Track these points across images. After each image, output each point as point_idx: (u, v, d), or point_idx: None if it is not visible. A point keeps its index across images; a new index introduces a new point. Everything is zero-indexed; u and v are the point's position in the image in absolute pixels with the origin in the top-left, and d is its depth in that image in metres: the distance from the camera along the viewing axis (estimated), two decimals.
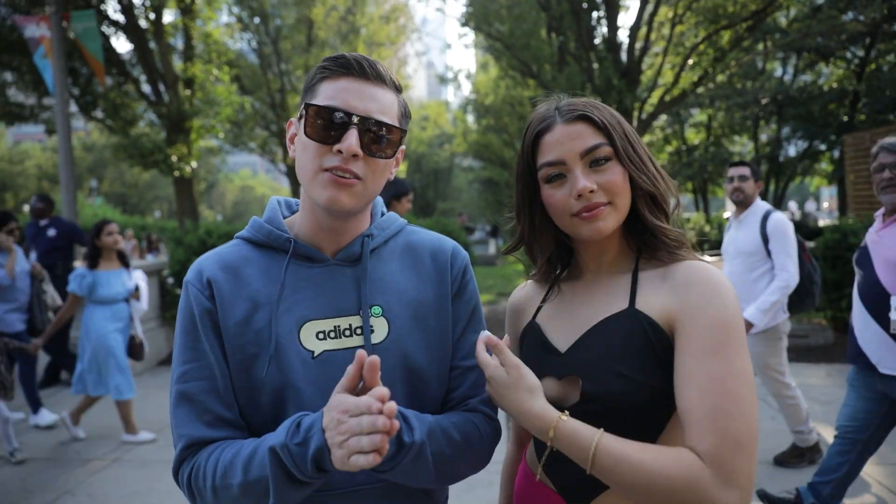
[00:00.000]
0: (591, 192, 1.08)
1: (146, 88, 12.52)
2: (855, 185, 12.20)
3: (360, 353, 0.94)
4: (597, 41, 11.63)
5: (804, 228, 16.97)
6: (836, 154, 20.19)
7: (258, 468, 0.97)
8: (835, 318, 7.66)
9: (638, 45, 11.38)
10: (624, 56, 11.33)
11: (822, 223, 21.35)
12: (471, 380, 1.21)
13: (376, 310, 1.14)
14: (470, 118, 33.03)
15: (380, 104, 1.09)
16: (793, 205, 37.39)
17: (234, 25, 18.45)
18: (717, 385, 0.95)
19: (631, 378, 1.03)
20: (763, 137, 23.24)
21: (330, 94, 1.07)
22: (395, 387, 1.11)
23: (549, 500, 1.16)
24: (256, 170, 75.98)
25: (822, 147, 20.95)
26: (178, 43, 12.86)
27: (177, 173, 11.71)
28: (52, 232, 6.42)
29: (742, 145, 24.40)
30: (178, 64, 12.43)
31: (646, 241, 1.16)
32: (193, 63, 12.09)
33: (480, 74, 30.07)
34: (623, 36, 11.91)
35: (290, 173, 22.08)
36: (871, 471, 3.97)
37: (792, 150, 23.36)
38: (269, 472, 0.95)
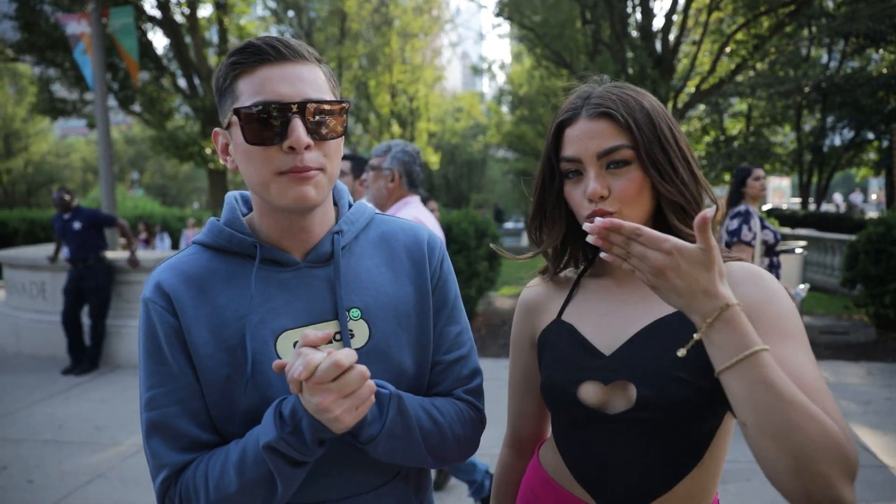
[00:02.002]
0: (602, 197, 1.03)
1: (182, 82, 12.78)
2: None
3: (328, 332, 0.90)
4: (631, 29, 11.40)
5: (847, 221, 16.40)
6: (885, 143, 19.42)
7: (253, 468, 0.95)
8: (877, 315, 7.39)
9: (673, 32, 11.12)
10: (658, 45, 11.08)
11: (869, 216, 20.58)
12: (455, 374, 1.16)
13: (355, 313, 1.07)
14: (504, 109, 32.84)
15: (310, 83, 0.98)
16: (838, 196, 36.18)
17: (269, 19, 18.67)
18: (793, 372, 0.90)
19: (691, 383, 0.98)
20: (806, 127, 22.49)
21: (254, 89, 0.95)
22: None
23: None
24: None
25: (870, 136, 20.18)
26: (213, 37, 13.08)
27: (211, 165, 11.93)
28: (77, 225, 6.51)
29: (784, 135, 23.68)
30: (212, 57, 12.65)
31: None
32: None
33: (514, 65, 29.86)
34: (657, 24, 11.65)
35: None
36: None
37: (837, 140, 22.54)
38: (271, 467, 0.93)
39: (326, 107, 0.98)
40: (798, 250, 6.02)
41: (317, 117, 0.97)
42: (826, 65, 20.56)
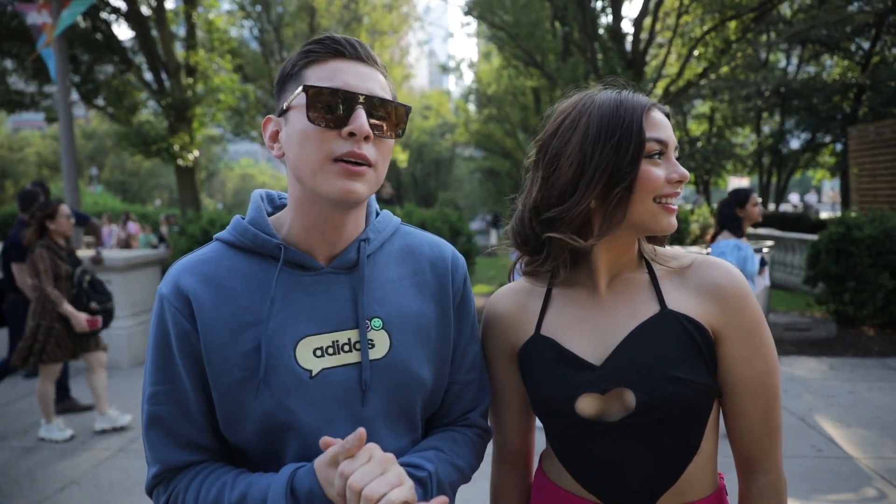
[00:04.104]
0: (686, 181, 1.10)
1: (148, 76, 12.47)
2: (859, 177, 12.16)
3: (360, 431, 0.89)
4: (601, 31, 11.56)
5: (805, 221, 16.96)
6: (839, 147, 20.12)
7: None
8: (838, 312, 7.66)
9: (643, 35, 11.31)
10: (628, 47, 11.27)
11: (823, 215, 21.32)
12: (471, 394, 1.18)
13: (376, 322, 1.05)
14: (472, 108, 32.94)
15: (377, 83, 1.00)
16: (794, 197, 37.32)
17: (237, 13, 18.34)
18: (764, 385, 1.08)
19: (685, 380, 1.03)
20: (766, 129, 23.15)
21: (324, 76, 0.97)
22: (392, 405, 1.06)
23: None
24: (258, 158, 75.74)
25: (826, 139, 20.88)
26: (181, 31, 12.78)
27: (180, 162, 11.67)
28: None
29: (745, 137, 24.32)
30: (180, 52, 12.35)
31: (646, 242, 1.17)
32: (196, 51, 12.02)
33: (483, 64, 29.96)
34: (627, 26, 11.84)
35: None
36: (872, 465, 3.98)
37: (795, 143, 23.27)
38: None
39: (390, 107, 1.00)
40: (765, 250, 6.19)
41: (379, 113, 0.98)
42: (784, 70, 21.20)
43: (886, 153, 11.33)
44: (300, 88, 0.96)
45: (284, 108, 1.00)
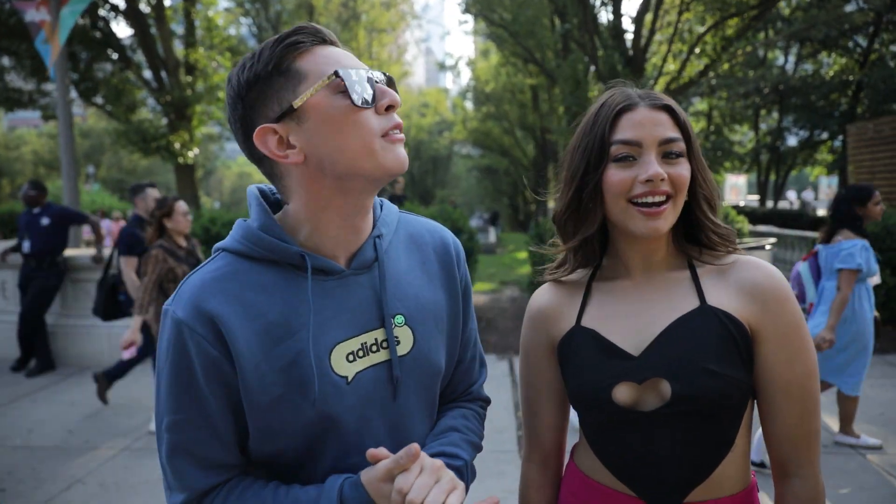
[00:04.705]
0: (662, 179, 1.06)
1: (147, 74, 12.42)
2: (857, 174, 12.19)
3: (415, 447, 0.92)
4: (601, 28, 11.54)
5: (804, 217, 16.99)
6: (837, 144, 20.16)
7: None
8: None
9: (643, 32, 11.31)
10: (629, 44, 11.26)
11: (820, 213, 21.37)
12: (475, 370, 1.26)
13: (399, 319, 1.05)
14: (469, 105, 32.92)
15: (363, 64, 1.00)
16: (791, 194, 37.40)
17: (236, 10, 18.29)
18: (803, 388, 1.07)
19: (721, 374, 1.04)
20: (763, 127, 23.19)
21: (324, 62, 0.94)
22: (420, 394, 1.09)
23: None
24: None
25: (823, 137, 20.93)
26: (180, 28, 12.73)
27: (180, 160, 11.63)
28: (45, 220, 6.28)
29: (743, 134, 24.37)
30: (179, 50, 12.31)
31: (695, 239, 1.16)
32: (195, 49, 11.97)
33: (481, 61, 29.95)
34: (628, 23, 11.83)
35: None
36: (878, 461, 3.99)
37: (792, 140, 23.32)
38: None
39: (391, 82, 1.01)
40: (768, 247, 6.21)
41: (392, 87, 1.00)
42: (782, 67, 21.23)
43: (885, 150, 11.36)
44: (327, 78, 0.92)
45: (294, 105, 0.93)
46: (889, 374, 5.90)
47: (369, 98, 0.93)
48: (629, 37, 11.44)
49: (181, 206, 4.44)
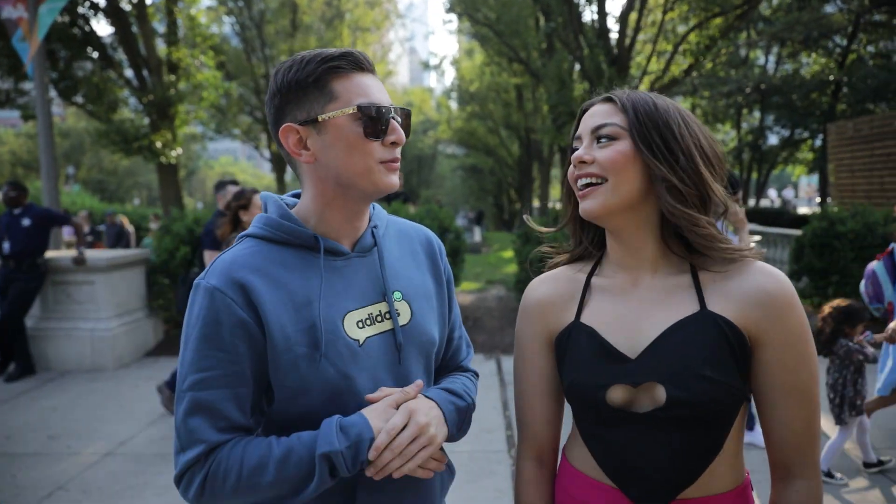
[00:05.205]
0: (583, 162, 1.10)
1: (128, 73, 12.23)
2: (837, 173, 12.35)
3: (419, 382, 1.18)
4: (586, 28, 11.58)
5: (785, 216, 17.20)
6: (817, 143, 20.43)
7: (294, 467, 1.05)
8: (821, 305, 7.75)
9: (628, 31, 11.36)
10: (614, 43, 11.31)
11: (801, 210, 21.64)
12: (463, 347, 1.44)
13: (397, 295, 1.24)
14: (454, 105, 32.92)
15: (385, 91, 1.17)
16: (772, 192, 37.85)
17: (220, 9, 18.10)
18: (807, 393, 1.07)
19: (717, 381, 1.04)
20: (745, 126, 23.45)
21: (357, 91, 1.11)
22: (419, 360, 1.26)
23: None
24: (238, 156, 75.06)
25: (804, 135, 21.20)
26: (162, 27, 12.55)
27: (162, 160, 11.47)
28: (26, 222, 6.17)
29: (725, 133, 24.61)
30: (161, 48, 12.13)
31: (692, 242, 1.13)
32: (178, 47, 11.81)
33: (465, 61, 29.95)
34: (612, 23, 11.88)
35: (275, 160, 21.87)
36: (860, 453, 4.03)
37: (773, 139, 23.60)
38: (316, 472, 1.05)
39: (404, 114, 1.19)
40: (752, 245, 6.26)
41: (399, 120, 1.17)
42: (764, 67, 21.47)
43: (864, 149, 11.52)
44: (352, 107, 1.10)
45: (318, 118, 1.11)
46: (870, 370, 5.97)
47: (378, 132, 1.12)
48: (614, 36, 11.50)
49: (258, 198, 4.37)
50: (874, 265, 4.44)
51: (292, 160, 1.18)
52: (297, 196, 1.28)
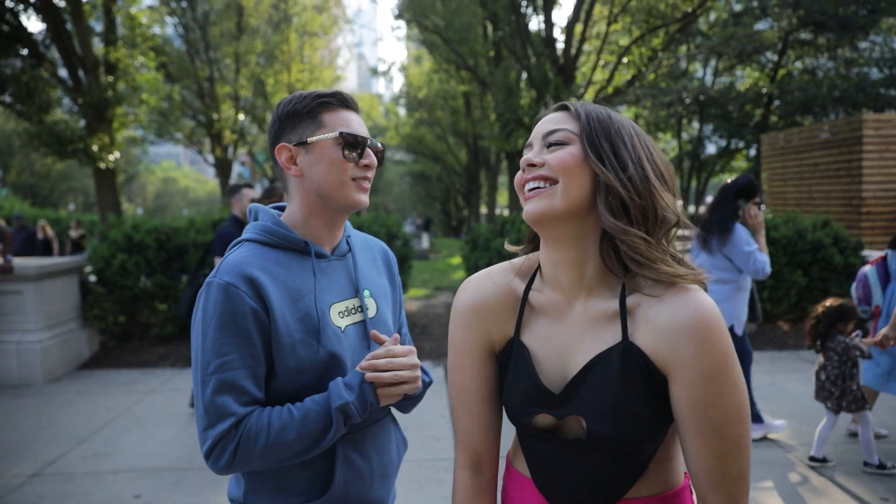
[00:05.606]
0: (532, 165, 1.08)
1: (63, 72, 11.67)
2: (770, 181, 12.90)
3: (395, 335, 1.42)
4: (533, 37, 11.77)
5: None
6: (752, 152, 21.35)
7: (313, 423, 1.28)
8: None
9: (574, 41, 11.61)
10: (560, 53, 11.52)
11: None
12: (408, 342, 1.62)
13: (367, 292, 1.49)
14: (402, 111, 32.89)
15: (365, 127, 1.44)
16: (710, 199, 39.17)
17: (161, 9, 17.54)
18: (721, 433, 1.00)
19: (640, 415, 1.03)
20: (685, 135, 24.29)
21: (341, 123, 1.38)
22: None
23: None
24: (180, 161, 72.92)
25: (740, 145, 22.11)
26: (99, 25, 12.03)
27: (99, 164, 10.98)
28: None
29: (666, 142, 25.42)
30: (98, 48, 11.63)
31: (626, 260, 1.07)
32: (116, 47, 11.34)
33: (413, 67, 29.98)
34: (559, 33, 12.11)
35: (219, 165, 21.33)
36: (797, 452, 4.20)
37: (712, 148, 24.52)
38: (334, 422, 1.29)
39: (377, 148, 1.46)
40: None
41: (376, 151, 1.45)
42: (702, 79, 22.32)
43: (795, 159, 12.09)
44: (335, 133, 1.37)
45: (308, 141, 1.37)
46: (802, 370, 6.25)
47: (355, 156, 1.38)
48: (560, 46, 11.72)
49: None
50: (867, 269, 4.64)
51: (283, 174, 1.41)
52: (281, 209, 1.50)
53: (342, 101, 1.41)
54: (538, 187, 1.07)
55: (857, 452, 4.16)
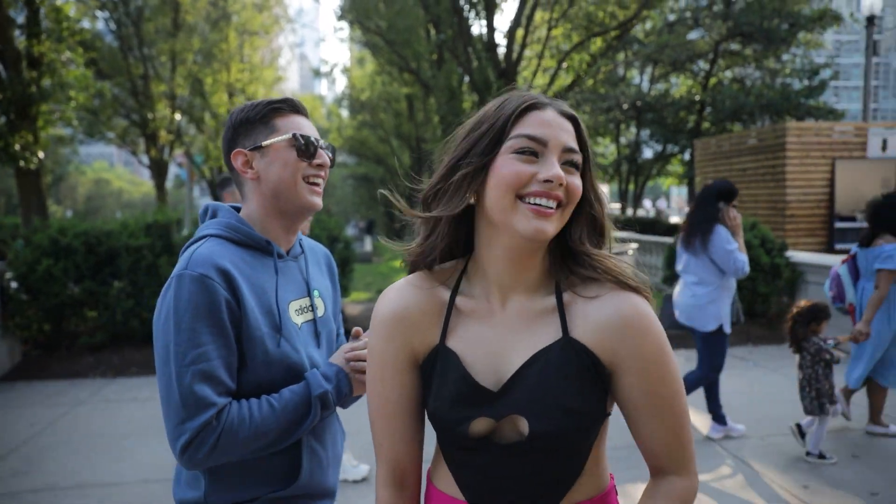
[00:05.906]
0: (561, 184, 1.02)
1: None
2: (703, 185, 13.44)
3: (358, 329, 1.57)
4: (475, 41, 11.87)
5: (659, 224, 18.49)
6: (686, 157, 22.16)
7: (292, 412, 1.35)
8: None
9: (515, 46, 11.77)
10: (501, 56, 11.67)
11: (673, 220, 23.37)
12: (343, 341, 1.72)
13: (316, 293, 1.57)
14: (345, 113, 32.57)
15: (315, 130, 1.51)
16: (647, 202, 40.50)
17: (90, 2, 16.76)
18: (671, 408, 1.08)
19: (579, 411, 1.03)
20: (623, 140, 25.01)
21: (293, 126, 1.45)
22: (328, 345, 1.59)
23: None
24: (113, 162, 70.03)
25: (675, 150, 22.93)
26: (21, 17, 11.38)
27: (21, 164, 10.39)
28: None
29: (605, 147, 26.10)
30: (20, 40, 11.00)
31: (566, 264, 1.12)
32: (40, 41, 10.75)
33: (356, 69, 29.74)
34: (501, 37, 12.26)
35: (154, 167, 20.57)
36: (727, 445, 4.37)
37: (648, 153, 25.34)
38: (313, 410, 1.37)
39: (330, 148, 1.54)
40: (630, 252, 6.64)
41: (328, 152, 1.52)
42: (639, 86, 23.03)
43: (726, 164, 12.62)
44: (289, 135, 1.44)
45: (262, 144, 1.43)
46: (734, 366, 6.51)
47: (308, 155, 1.45)
48: (502, 50, 11.86)
49: None
50: (839, 268, 4.77)
51: (239, 178, 1.48)
52: (237, 209, 1.53)
53: (293, 107, 1.49)
54: (552, 208, 1.02)
55: (836, 442, 4.35)
